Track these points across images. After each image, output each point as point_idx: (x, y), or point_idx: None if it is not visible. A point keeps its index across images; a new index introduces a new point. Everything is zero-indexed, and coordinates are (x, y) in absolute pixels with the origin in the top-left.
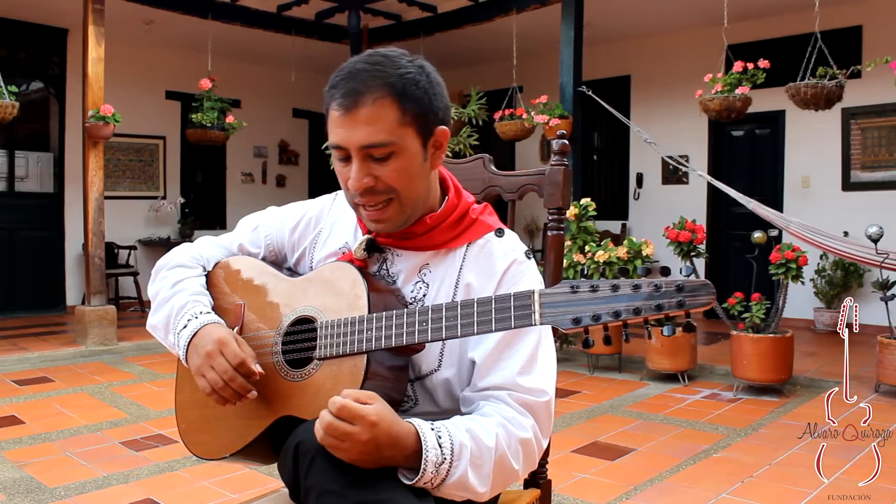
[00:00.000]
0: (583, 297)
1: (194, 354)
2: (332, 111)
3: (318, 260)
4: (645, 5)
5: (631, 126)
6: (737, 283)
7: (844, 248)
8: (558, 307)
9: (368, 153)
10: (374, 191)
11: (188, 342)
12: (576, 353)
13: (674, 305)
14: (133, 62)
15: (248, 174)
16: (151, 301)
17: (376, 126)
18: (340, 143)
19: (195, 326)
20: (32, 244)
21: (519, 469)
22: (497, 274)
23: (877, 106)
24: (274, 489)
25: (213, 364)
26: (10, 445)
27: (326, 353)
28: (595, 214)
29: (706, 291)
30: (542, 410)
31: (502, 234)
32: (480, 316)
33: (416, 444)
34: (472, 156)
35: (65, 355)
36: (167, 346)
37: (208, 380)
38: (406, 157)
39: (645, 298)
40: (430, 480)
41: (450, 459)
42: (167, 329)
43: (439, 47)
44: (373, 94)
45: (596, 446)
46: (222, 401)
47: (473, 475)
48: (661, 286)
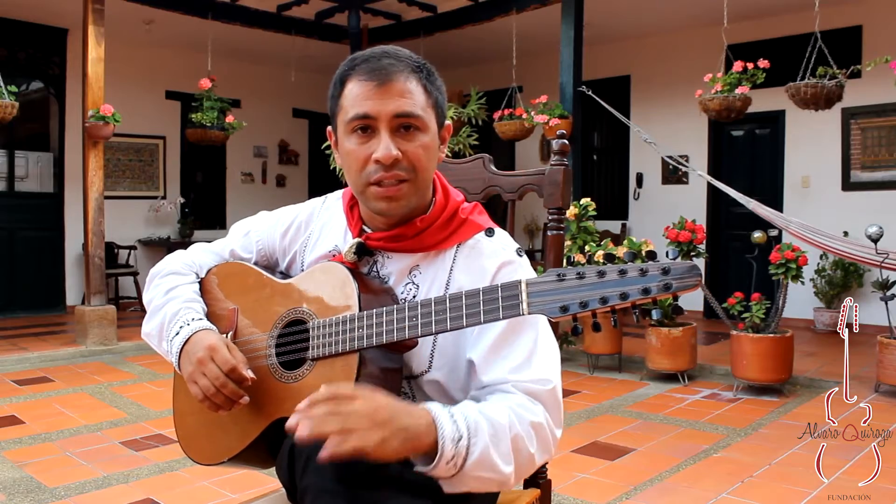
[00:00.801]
0: (570, 284)
1: (186, 361)
2: (356, 84)
3: (309, 263)
4: (645, 5)
5: (631, 126)
6: (737, 283)
7: (844, 248)
8: (546, 296)
9: (400, 123)
10: (398, 165)
11: (180, 349)
12: (576, 353)
13: (661, 289)
14: (133, 62)
15: (248, 174)
16: (146, 309)
17: (409, 99)
18: (370, 112)
19: (187, 333)
20: (32, 244)
21: (535, 453)
22: (488, 274)
23: (877, 106)
24: (273, 489)
25: (205, 371)
26: (10, 445)
27: (319, 353)
28: (595, 214)
29: (692, 273)
30: (549, 398)
31: (492, 234)
32: (469, 308)
33: (430, 422)
34: (471, 156)
35: (65, 355)
36: (161, 354)
37: (200, 386)
38: (429, 136)
39: (631, 283)
40: (452, 460)
41: (467, 436)
42: (161, 336)
43: (439, 47)
44: (405, 72)
45: (596, 446)
46: (214, 407)
47: (495, 452)
48: (647, 270)
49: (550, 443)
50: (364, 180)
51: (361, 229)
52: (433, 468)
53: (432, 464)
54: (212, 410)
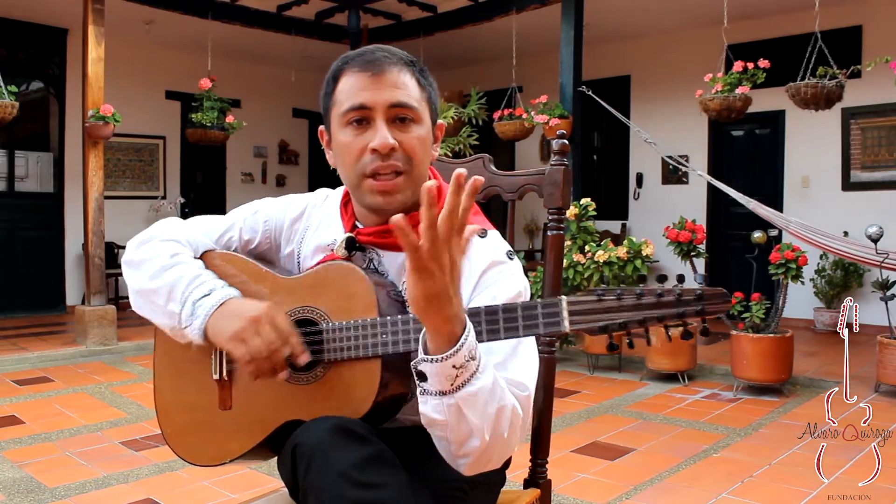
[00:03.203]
0: (609, 305)
1: (229, 320)
2: (350, 76)
3: (305, 254)
4: (645, 5)
5: (631, 126)
6: (737, 283)
7: (844, 248)
8: (586, 315)
9: (396, 114)
10: (394, 155)
11: (215, 309)
12: (576, 353)
13: (695, 313)
14: (133, 62)
15: (247, 174)
16: (135, 265)
17: (404, 90)
18: (366, 102)
19: (223, 296)
20: (32, 244)
21: (506, 437)
22: (475, 275)
23: (877, 106)
24: (274, 489)
25: (260, 331)
26: (10, 445)
27: (336, 356)
28: (595, 214)
29: (724, 299)
30: (525, 403)
31: (485, 235)
32: (507, 322)
33: (463, 322)
34: (471, 155)
35: (65, 355)
36: (150, 313)
37: (249, 347)
38: (424, 129)
39: (668, 307)
40: (459, 369)
41: (478, 363)
42: (170, 296)
43: (439, 47)
44: (398, 65)
45: (596, 446)
46: (256, 373)
47: (490, 397)
48: (682, 295)
49: (517, 440)
50: (359, 172)
51: (354, 225)
52: (439, 361)
53: (442, 353)
54: (251, 376)
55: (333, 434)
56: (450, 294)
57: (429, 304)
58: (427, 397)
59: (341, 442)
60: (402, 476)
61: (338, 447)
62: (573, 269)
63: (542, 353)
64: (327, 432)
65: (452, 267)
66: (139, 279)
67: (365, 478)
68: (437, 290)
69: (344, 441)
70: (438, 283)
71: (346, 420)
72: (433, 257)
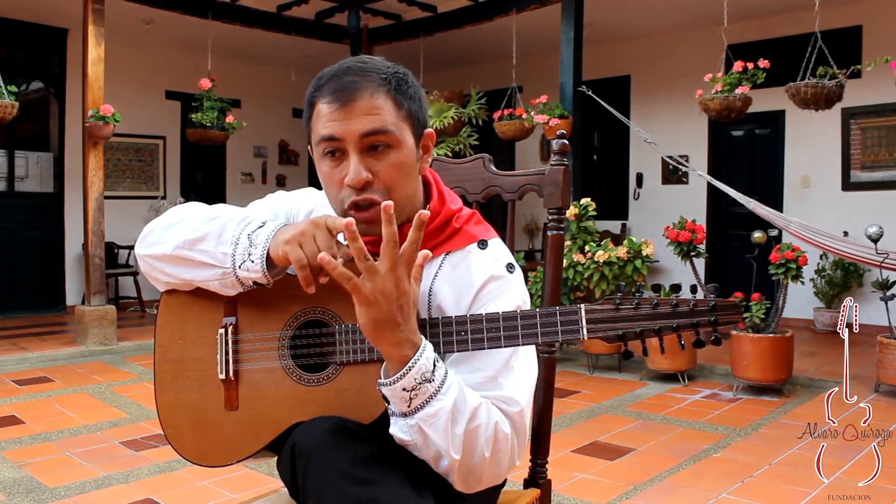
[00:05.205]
0: (626, 314)
1: (289, 230)
2: (321, 107)
3: None
4: (645, 5)
5: (631, 126)
6: (737, 283)
7: (844, 248)
8: (604, 323)
9: (369, 143)
10: (369, 189)
11: (273, 234)
12: (576, 353)
13: (708, 323)
14: (133, 62)
15: (247, 174)
16: (170, 226)
17: (377, 115)
18: (336, 134)
19: (278, 224)
20: (32, 244)
21: (489, 456)
22: (473, 288)
23: (877, 106)
24: (274, 489)
25: (317, 235)
26: (10, 445)
27: (348, 358)
28: (595, 214)
29: (736, 311)
30: (517, 420)
31: (485, 246)
32: (525, 329)
33: (416, 344)
34: (471, 156)
35: (65, 355)
36: (187, 271)
37: (306, 251)
38: (403, 152)
39: (683, 317)
40: (409, 392)
41: (437, 385)
42: (220, 238)
43: (439, 47)
44: (369, 88)
45: (596, 446)
46: (309, 279)
47: (454, 417)
48: (697, 306)
49: (506, 461)
50: (340, 204)
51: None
52: (390, 384)
53: (392, 377)
54: (304, 283)
55: (332, 433)
56: (397, 321)
57: (376, 330)
58: (395, 418)
59: (340, 441)
60: (401, 474)
61: (337, 446)
62: (573, 269)
63: (541, 354)
64: (326, 432)
65: (399, 296)
66: (177, 235)
67: (364, 475)
68: (383, 318)
69: (343, 440)
70: (384, 311)
71: (345, 420)
72: (376, 289)
